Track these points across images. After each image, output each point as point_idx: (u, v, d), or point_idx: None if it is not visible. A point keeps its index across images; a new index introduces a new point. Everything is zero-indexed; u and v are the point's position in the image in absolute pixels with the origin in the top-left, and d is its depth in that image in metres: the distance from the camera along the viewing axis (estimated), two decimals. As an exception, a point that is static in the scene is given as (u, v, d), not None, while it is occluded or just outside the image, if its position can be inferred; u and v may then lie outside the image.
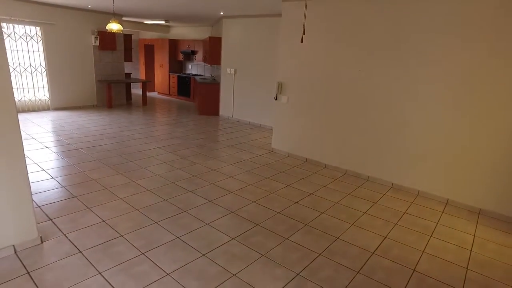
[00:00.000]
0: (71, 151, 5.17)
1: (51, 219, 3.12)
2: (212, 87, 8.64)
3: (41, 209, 3.31)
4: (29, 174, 4.19)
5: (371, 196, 4.22)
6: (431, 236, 3.31)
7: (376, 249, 3.02)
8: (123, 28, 7.51)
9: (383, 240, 3.17)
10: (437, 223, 3.60)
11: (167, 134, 6.55)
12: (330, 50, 4.87)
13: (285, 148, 5.74)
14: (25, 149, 5.28)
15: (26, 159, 4.60)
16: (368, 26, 4.43)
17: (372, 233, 3.29)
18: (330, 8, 4.76)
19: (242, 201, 3.81)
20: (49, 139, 5.79)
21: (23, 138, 5.66)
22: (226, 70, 8.23)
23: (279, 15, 6.88)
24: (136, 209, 3.43)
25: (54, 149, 5.23)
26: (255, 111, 7.86)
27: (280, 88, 5.55)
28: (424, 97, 4.11)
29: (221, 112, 8.74)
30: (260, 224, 3.32)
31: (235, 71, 8.04)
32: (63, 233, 2.92)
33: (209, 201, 3.75)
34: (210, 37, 8.45)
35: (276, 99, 5.65)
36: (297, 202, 3.90)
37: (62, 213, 3.24)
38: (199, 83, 8.64)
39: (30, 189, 2.64)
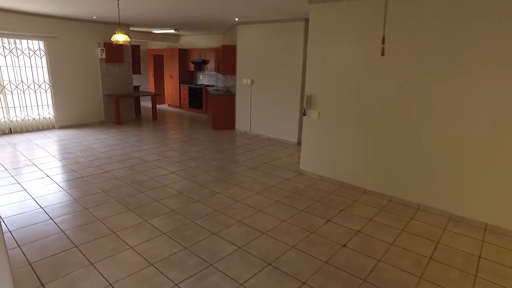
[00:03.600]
0: (75, 181, 4.55)
1: (43, 285, 2.47)
2: (227, 99, 8.01)
3: (32, 268, 2.67)
4: (25, 214, 3.60)
5: (430, 233, 3.49)
6: (528, 296, 2.58)
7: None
8: (130, 38, 6.95)
9: (469, 305, 2.45)
10: (527, 273, 2.87)
11: (182, 155, 5.91)
12: (370, 58, 4.18)
13: (316, 169, 5.05)
14: (24, 179, 4.64)
15: (23, 192, 4.00)
16: (422, 29, 3.73)
17: (451, 293, 2.58)
18: (369, 9, 4.08)
19: (279, 247, 3.12)
20: (52, 164, 5.19)
21: (24, 165, 5.09)
22: (242, 81, 7.59)
23: (302, 19, 6.24)
24: (151, 264, 2.77)
25: (57, 178, 4.62)
26: (276, 125, 7.18)
27: (309, 102, 4.87)
28: (491, 108, 3.38)
29: (237, 126, 8.08)
30: (306, 283, 2.62)
31: (252, 82, 7.39)
32: (59, 306, 2.27)
33: (239, 247, 3.07)
34: (223, 45, 7.83)
35: (305, 114, 4.97)
36: (345, 245, 3.20)
37: (59, 274, 2.59)
38: (213, 95, 8.02)
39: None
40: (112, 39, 5.01)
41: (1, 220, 3.39)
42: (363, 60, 4.25)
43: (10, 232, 3.18)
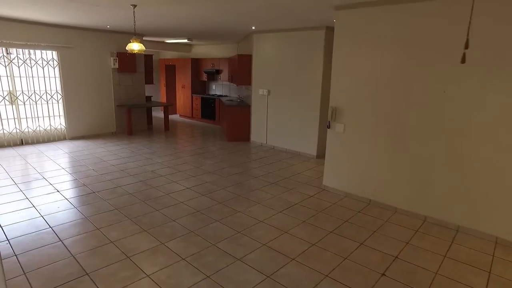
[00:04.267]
0: (87, 197, 4.30)
1: (52, 323, 2.19)
2: (241, 110, 7.76)
3: (40, 300, 2.39)
4: (32, 235, 3.26)
5: (477, 260, 3.12)
6: None
7: None
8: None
9: None
10: None
11: (197, 169, 5.63)
12: (401, 66, 3.88)
13: (341, 186, 4.72)
14: (33, 194, 4.35)
15: (32, 209, 3.75)
16: (462, 33, 3.42)
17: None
18: (402, 13, 3.80)
19: (311, 275, 2.79)
20: (62, 178, 4.96)
21: (34, 178, 4.86)
22: (258, 91, 7.33)
23: (322, 27, 5.99)
24: (171, 296, 2.47)
25: (67, 194, 4.38)
26: (293, 137, 6.88)
27: (334, 114, 4.57)
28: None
29: (252, 138, 7.80)
30: (348, 322, 2.29)
31: (269, 92, 7.13)
32: None
33: (267, 276, 2.75)
34: (238, 55, 7.62)
35: (329, 127, 4.67)
36: (383, 274, 2.85)
37: (69, 308, 2.31)
38: (227, 106, 7.77)
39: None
40: (127, 48, 4.81)
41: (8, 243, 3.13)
42: (394, 69, 3.95)
43: (16, 256, 2.91)
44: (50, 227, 3.46)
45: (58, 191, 4.47)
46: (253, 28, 6.62)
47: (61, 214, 3.76)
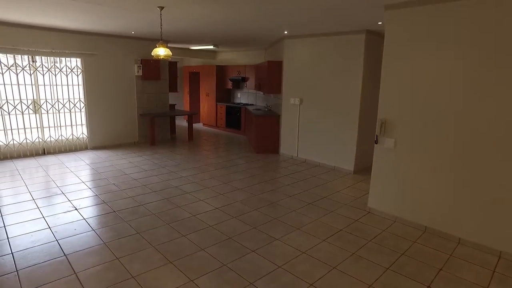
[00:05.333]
0: (106, 217, 3.89)
1: None
2: (270, 120, 7.27)
3: None
4: (44, 264, 2.81)
5: None
6: None
7: None
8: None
9: None
10: None
11: (225, 185, 5.16)
12: (471, 73, 3.29)
13: (389, 209, 4.12)
14: (50, 212, 3.93)
15: (47, 231, 3.35)
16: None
17: None
18: (474, 9, 3.22)
19: (376, 333, 2.23)
20: (82, 194, 4.60)
21: (52, 193, 4.53)
22: (289, 100, 6.83)
23: (362, 31, 5.46)
24: None
25: (85, 212, 3.99)
26: (328, 150, 6.32)
27: (383, 127, 4.00)
28: None
29: (282, 150, 7.28)
30: None
31: (301, 101, 6.62)
32: None
33: (321, 333, 2.21)
34: (268, 62, 7.15)
35: (377, 142, 4.10)
36: (468, 334, 2.25)
37: None
38: (256, 116, 7.30)
39: None
40: (152, 53, 4.44)
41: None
42: (466, 75, 3.36)
43: (24, 293, 2.50)
44: (64, 254, 3.04)
45: (76, 209, 4.10)
46: (286, 32, 6.16)
47: (77, 239, 3.35)
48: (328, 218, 4.07)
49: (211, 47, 9.09)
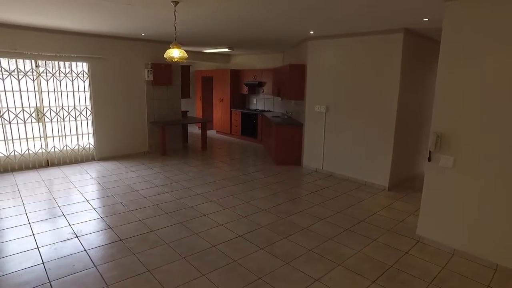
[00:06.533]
0: (111, 248, 3.31)
1: None
2: (292, 129, 6.65)
3: None
4: None
5: None
6: None
7: None
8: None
9: None
10: None
11: (246, 205, 4.54)
12: None
13: (446, 239, 3.44)
14: (47, 241, 3.30)
15: (39, 267, 2.75)
16: None
17: None
18: None
19: None
20: (85, 216, 4.04)
21: (52, 215, 3.95)
22: (314, 107, 6.20)
23: (399, 30, 4.82)
24: None
25: (87, 242, 3.41)
26: (358, 163, 5.66)
27: (439, 142, 3.34)
28: None
29: (304, 162, 6.63)
30: None
31: (327, 109, 5.98)
32: None
33: None
34: (290, 65, 6.54)
35: (430, 159, 3.45)
36: None
37: None
38: (276, 124, 6.68)
39: None
40: (165, 55, 3.88)
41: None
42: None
43: None
44: (58, 304, 2.47)
45: (77, 236, 3.53)
46: (312, 32, 5.54)
47: (75, 280, 2.76)
48: (372, 249, 3.42)
49: (226, 50, 8.53)
